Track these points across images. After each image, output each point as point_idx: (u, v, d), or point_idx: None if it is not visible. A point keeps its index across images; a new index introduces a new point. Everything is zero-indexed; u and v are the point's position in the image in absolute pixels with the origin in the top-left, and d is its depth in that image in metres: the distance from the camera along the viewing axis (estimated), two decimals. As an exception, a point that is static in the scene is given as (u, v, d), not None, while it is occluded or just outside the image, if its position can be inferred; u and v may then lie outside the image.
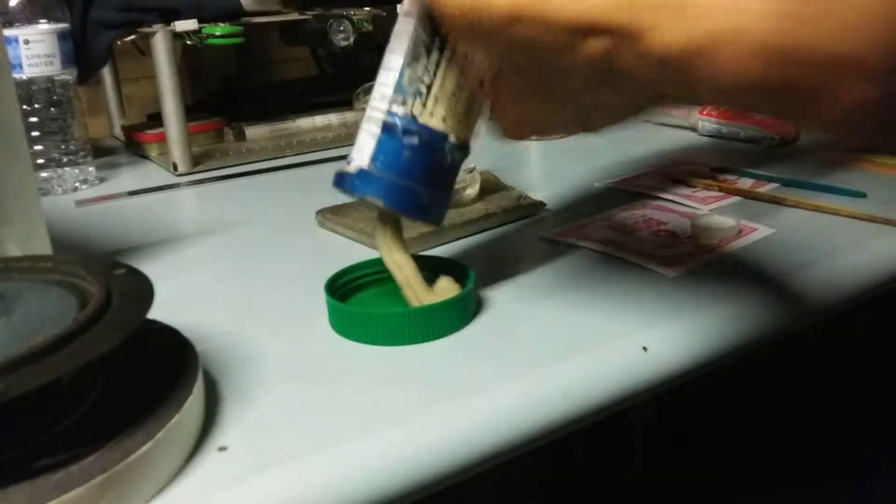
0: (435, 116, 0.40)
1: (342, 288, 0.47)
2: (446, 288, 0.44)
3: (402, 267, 0.44)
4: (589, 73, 0.33)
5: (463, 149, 0.42)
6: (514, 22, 0.32)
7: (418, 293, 0.43)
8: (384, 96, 0.41)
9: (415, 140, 0.40)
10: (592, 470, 0.93)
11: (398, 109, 0.40)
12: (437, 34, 0.40)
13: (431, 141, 0.41)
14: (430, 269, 0.45)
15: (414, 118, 0.40)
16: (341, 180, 0.42)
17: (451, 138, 0.41)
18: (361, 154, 0.41)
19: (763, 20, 0.27)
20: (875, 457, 0.91)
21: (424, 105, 0.40)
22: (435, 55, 0.40)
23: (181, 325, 0.39)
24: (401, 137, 0.40)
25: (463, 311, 0.44)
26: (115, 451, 0.30)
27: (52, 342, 0.30)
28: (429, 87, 0.40)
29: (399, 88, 0.40)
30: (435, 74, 0.40)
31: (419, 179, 0.41)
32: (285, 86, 1.10)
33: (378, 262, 0.46)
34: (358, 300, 0.47)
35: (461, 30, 0.36)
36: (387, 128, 0.40)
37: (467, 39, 0.38)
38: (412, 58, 0.40)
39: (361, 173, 0.41)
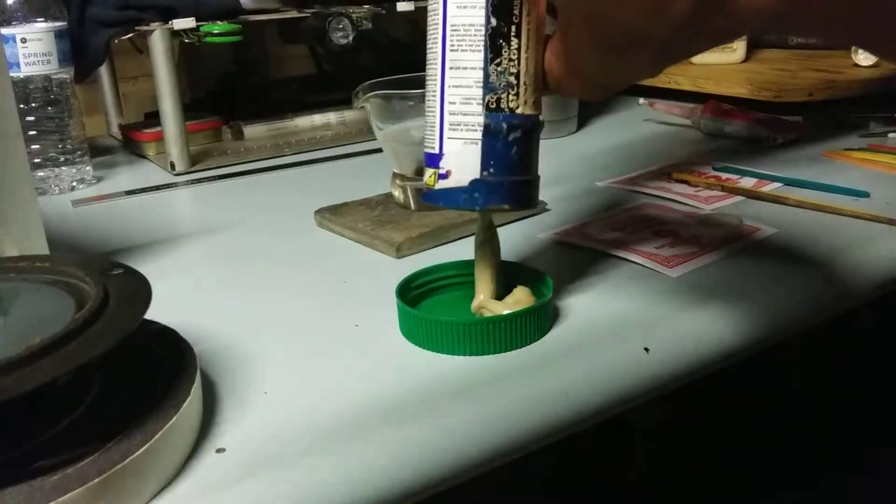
0: (528, 103, 0.39)
1: (416, 290, 0.46)
2: (520, 300, 0.43)
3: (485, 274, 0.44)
4: (672, 26, 0.32)
5: (543, 122, 0.41)
6: None
7: (487, 304, 0.43)
8: (470, 98, 0.39)
9: (518, 133, 0.39)
10: (592, 471, 0.93)
11: (496, 108, 0.39)
12: (511, 19, 0.38)
13: (531, 128, 0.40)
14: (511, 277, 0.45)
15: (513, 112, 0.39)
16: (448, 196, 0.40)
17: (540, 117, 0.40)
18: (465, 164, 0.39)
19: None
20: (876, 459, 0.91)
21: (517, 95, 0.39)
22: (514, 41, 0.38)
23: (179, 326, 0.39)
24: (506, 136, 0.39)
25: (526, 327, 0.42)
26: (113, 453, 0.29)
27: (48, 343, 0.29)
28: (517, 76, 0.38)
29: (489, 86, 0.38)
30: (520, 62, 0.38)
31: (527, 170, 0.40)
32: (284, 84, 1.10)
33: (445, 268, 0.47)
34: (430, 304, 0.46)
35: None
36: (490, 131, 0.39)
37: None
38: (493, 51, 0.38)
39: (477, 185, 0.39)
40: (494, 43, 0.38)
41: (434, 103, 0.40)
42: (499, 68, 0.38)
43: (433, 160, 0.40)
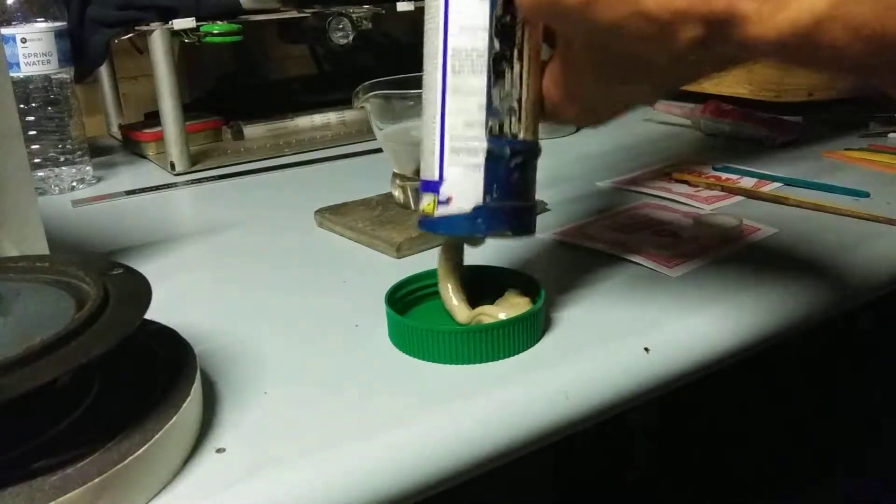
0: (529, 130, 0.39)
1: (406, 297, 0.45)
2: (516, 302, 0.42)
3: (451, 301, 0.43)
4: (675, 56, 0.32)
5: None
6: (591, 5, 0.31)
7: (485, 311, 0.43)
8: (472, 123, 0.38)
9: (520, 159, 0.39)
10: (593, 471, 0.93)
11: (499, 133, 0.38)
12: (514, 44, 0.38)
13: (532, 155, 0.40)
14: (498, 282, 0.45)
15: (515, 138, 0.38)
16: (450, 223, 0.39)
17: (539, 145, 0.40)
18: (466, 190, 0.38)
19: (862, 3, 0.27)
20: (876, 459, 0.91)
21: (520, 121, 0.38)
22: (517, 66, 0.38)
23: (179, 326, 0.39)
24: (508, 161, 0.38)
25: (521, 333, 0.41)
26: (113, 453, 0.29)
27: (48, 343, 0.29)
28: (519, 102, 0.38)
29: (492, 111, 0.38)
30: (521, 87, 0.38)
31: (528, 195, 0.40)
32: (284, 84, 1.10)
33: (428, 276, 0.46)
34: (419, 312, 0.46)
35: (544, 13, 0.34)
36: (493, 156, 0.38)
37: (551, 25, 0.37)
38: (496, 75, 0.38)
39: (480, 211, 0.38)
40: (497, 67, 0.38)
41: (433, 128, 0.39)
42: (502, 93, 0.38)
43: (432, 186, 0.39)
